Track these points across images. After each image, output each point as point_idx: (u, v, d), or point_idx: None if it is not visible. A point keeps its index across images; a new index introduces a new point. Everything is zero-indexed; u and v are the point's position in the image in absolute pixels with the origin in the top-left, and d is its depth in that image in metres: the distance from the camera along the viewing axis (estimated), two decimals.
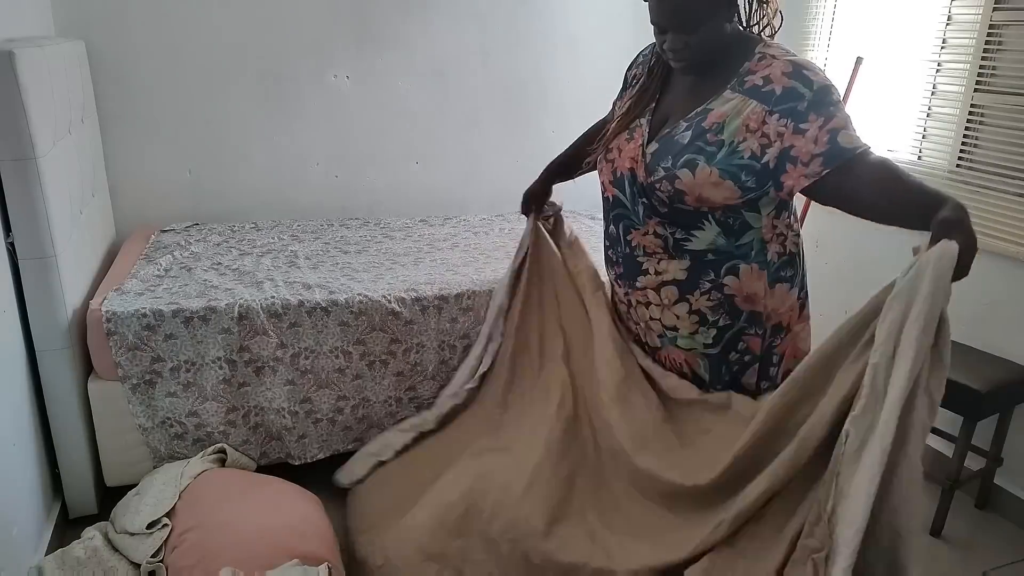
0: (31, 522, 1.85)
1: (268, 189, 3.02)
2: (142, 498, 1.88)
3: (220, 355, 2.08)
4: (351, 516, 2.00)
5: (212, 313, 2.06)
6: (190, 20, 2.73)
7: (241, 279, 2.28)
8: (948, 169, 2.50)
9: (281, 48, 2.88)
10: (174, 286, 2.19)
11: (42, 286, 1.90)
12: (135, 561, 1.72)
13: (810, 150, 1.44)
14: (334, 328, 2.15)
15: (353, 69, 3.00)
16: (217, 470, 2.02)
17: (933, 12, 2.52)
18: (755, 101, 1.46)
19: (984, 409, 2.16)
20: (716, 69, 1.52)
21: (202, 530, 1.73)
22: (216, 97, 2.85)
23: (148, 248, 2.54)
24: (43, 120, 1.85)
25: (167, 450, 2.09)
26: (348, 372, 2.19)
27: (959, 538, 2.28)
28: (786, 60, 1.49)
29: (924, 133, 2.60)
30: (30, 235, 1.85)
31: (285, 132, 2.98)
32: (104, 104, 2.69)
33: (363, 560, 1.83)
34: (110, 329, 1.99)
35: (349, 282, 2.29)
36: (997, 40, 2.34)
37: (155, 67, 2.74)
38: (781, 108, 1.45)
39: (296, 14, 2.86)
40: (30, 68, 1.79)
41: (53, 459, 2.05)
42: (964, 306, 2.46)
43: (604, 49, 3.31)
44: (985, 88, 2.38)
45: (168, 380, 2.06)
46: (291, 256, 2.54)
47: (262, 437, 2.15)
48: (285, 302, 2.12)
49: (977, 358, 2.32)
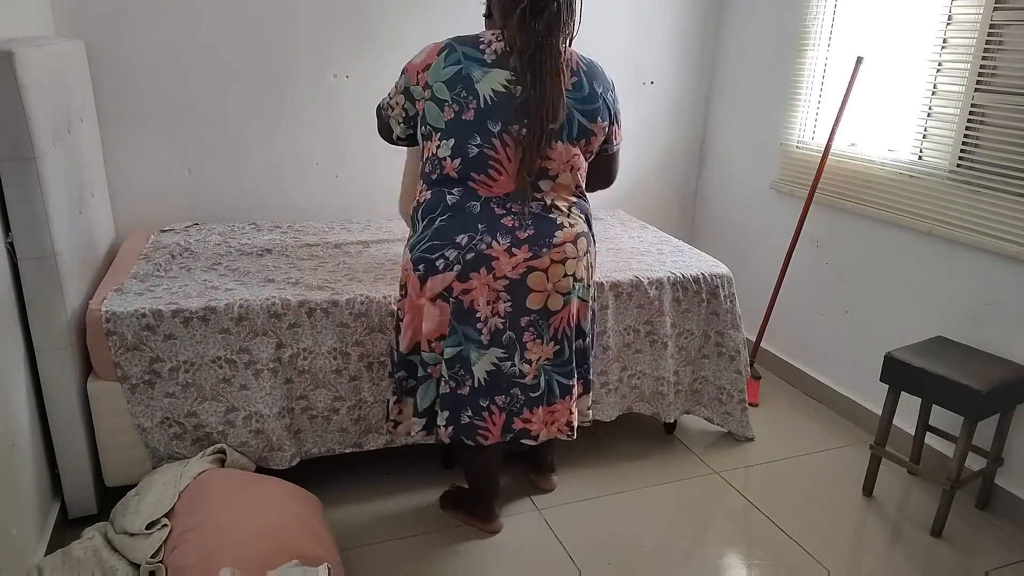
0: (31, 522, 1.84)
1: (268, 189, 3.02)
2: (142, 498, 1.88)
3: (219, 355, 2.07)
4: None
5: (211, 313, 2.06)
6: (190, 20, 2.73)
7: (241, 279, 2.28)
8: (949, 169, 2.50)
9: (281, 48, 2.88)
10: (173, 286, 2.19)
11: (42, 286, 1.89)
12: (135, 561, 1.72)
13: None
14: (333, 329, 2.15)
15: (353, 69, 3.00)
16: (217, 470, 2.02)
17: (933, 12, 2.52)
18: None
19: (984, 409, 2.16)
20: None
21: (202, 530, 1.73)
22: (216, 97, 2.85)
23: (148, 248, 2.54)
24: (43, 120, 1.85)
25: (166, 450, 2.09)
26: (345, 373, 2.19)
27: (960, 538, 2.28)
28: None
29: (925, 133, 2.60)
30: (30, 235, 1.84)
31: (285, 132, 2.98)
32: (104, 104, 2.69)
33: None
34: (109, 329, 1.99)
35: (349, 283, 2.28)
36: (998, 40, 2.34)
37: (155, 67, 2.74)
38: None
39: (296, 14, 2.86)
40: (30, 68, 1.79)
41: (53, 459, 2.04)
42: (964, 306, 2.47)
43: (604, 49, 3.31)
44: (986, 88, 2.38)
45: (167, 380, 2.05)
46: (291, 256, 2.54)
47: (263, 442, 2.15)
48: (285, 302, 2.12)
49: (977, 358, 2.32)
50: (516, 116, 1.71)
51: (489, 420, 1.88)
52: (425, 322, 1.83)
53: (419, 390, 1.93)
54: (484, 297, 1.79)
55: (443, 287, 1.79)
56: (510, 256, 1.77)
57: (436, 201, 1.79)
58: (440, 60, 1.73)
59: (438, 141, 1.76)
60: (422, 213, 1.82)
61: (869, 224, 2.83)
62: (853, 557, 2.23)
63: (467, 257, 1.76)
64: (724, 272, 2.60)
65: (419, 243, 1.80)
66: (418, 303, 1.83)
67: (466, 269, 1.76)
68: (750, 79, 3.39)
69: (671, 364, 2.55)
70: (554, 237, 1.80)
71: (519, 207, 1.78)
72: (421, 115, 1.79)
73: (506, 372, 1.85)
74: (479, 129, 1.72)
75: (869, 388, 2.80)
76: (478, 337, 1.82)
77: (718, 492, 2.47)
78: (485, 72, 1.72)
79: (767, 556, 2.17)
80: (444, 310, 1.81)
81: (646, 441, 2.73)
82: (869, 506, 2.44)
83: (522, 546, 2.16)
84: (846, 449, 2.76)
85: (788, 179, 3.20)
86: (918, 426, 2.51)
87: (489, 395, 1.86)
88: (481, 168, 1.75)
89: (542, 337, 1.86)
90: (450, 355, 1.83)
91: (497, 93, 1.71)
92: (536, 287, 1.81)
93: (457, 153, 1.74)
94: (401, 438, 2.26)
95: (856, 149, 2.90)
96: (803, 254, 3.12)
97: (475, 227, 1.76)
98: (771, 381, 3.28)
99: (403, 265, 1.87)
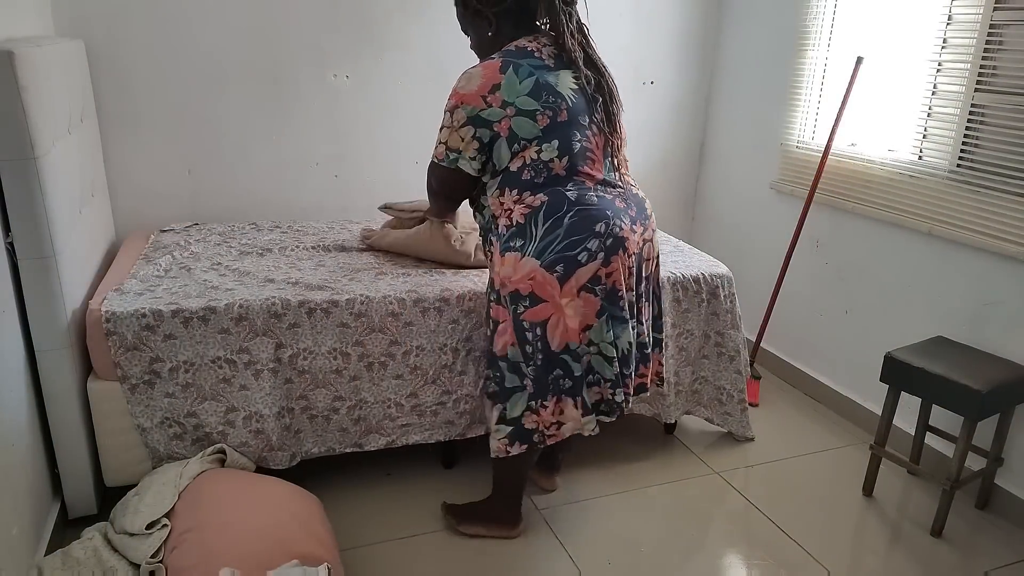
0: (31, 522, 1.84)
1: (268, 189, 3.02)
2: (141, 498, 1.88)
3: (219, 355, 2.08)
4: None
5: (211, 313, 2.06)
6: (190, 20, 2.73)
7: (240, 279, 2.28)
8: (949, 169, 2.50)
9: (281, 48, 2.88)
10: (173, 286, 2.19)
11: (42, 286, 1.89)
12: (135, 561, 1.72)
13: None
14: (333, 329, 2.15)
15: (353, 69, 3.00)
16: (216, 470, 2.02)
17: (933, 12, 2.52)
18: None
19: (984, 409, 2.16)
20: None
21: (202, 530, 1.73)
22: (216, 97, 2.85)
23: (147, 248, 2.54)
24: (43, 120, 1.85)
25: (166, 450, 2.09)
26: (345, 373, 2.19)
27: (959, 538, 2.28)
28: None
29: (925, 133, 2.60)
30: (30, 235, 1.84)
31: (285, 132, 2.98)
32: (104, 104, 2.69)
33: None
34: (109, 329, 1.99)
35: (349, 283, 2.28)
36: (998, 40, 2.34)
37: (155, 67, 2.74)
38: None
39: (296, 14, 2.86)
40: (30, 68, 1.79)
41: (52, 459, 2.05)
42: (964, 306, 2.47)
43: (604, 49, 3.30)
44: (986, 88, 2.38)
45: (167, 380, 2.05)
46: (291, 256, 2.54)
47: (263, 442, 2.15)
48: (285, 302, 2.12)
49: (977, 358, 2.32)
50: (594, 106, 1.87)
51: (627, 388, 1.98)
52: (570, 319, 1.85)
53: (580, 385, 1.93)
54: (623, 276, 1.88)
55: (588, 278, 1.83)
56: (634, 233, 1.89)
57: (557, 201, 1.83)
58: (511, 76, 1.79)
59: (537, 147, 1.82)
60: (544, 216, 1.82)
61: (869, 224, 2.83)
62: (853, 557, 2.23)
63: (608, 243, 1.83)
64: (724, 272, 2.60)
65: (550, 246, 1.82)
66: (559, 303, 1.84)
67: (608, 254, 1.83)
68: (750, 79, 3.39)
69: (671, 364, 2.55)
70: (646, 209, 1.97)
71: (615, 188, 1.90)
72: (506, 135, 1.81)
73: (635, 339, 1.98)
74: (575, 126, 1.83)
75: (869, 388, 2.80)
76: (621, 314, 1.90)
77: (718, 492, 2.47)
78: (556, 76, 1.83)
79: (767, 556, 2.17)
80: (589, 300, 1.85)
81: (646, 441, 2.73)
82: (869, 506, 2.44)
83: (522, 546, 2.16)
84: (846, 449, 2.76)
85: (788, 179, 3.21)
86: (918, 426, 2.51)
87: (626, 363, 1.95)
88: (584, 160, 1.86)
89: (649, 300, 2.05)
90: (610, 339, 1.90)
91: (574, 91, 1.85)
92: (648, 256, 1.98)
93: (564, 152, 1.82)
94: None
95: (856, 149, 2.90)
96: (803, 254, 3.12)
97: (606, 214, 1.83)
98: (771, 381, 3.28)
99: (524, 276, 1.84)
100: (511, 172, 1.84)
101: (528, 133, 1.80)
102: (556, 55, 1.85)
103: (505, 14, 1.86)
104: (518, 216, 1.85)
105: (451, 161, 1.86)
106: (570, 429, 1.97)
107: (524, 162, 1.83)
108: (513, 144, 1.82)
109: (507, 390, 1.97)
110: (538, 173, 1.82)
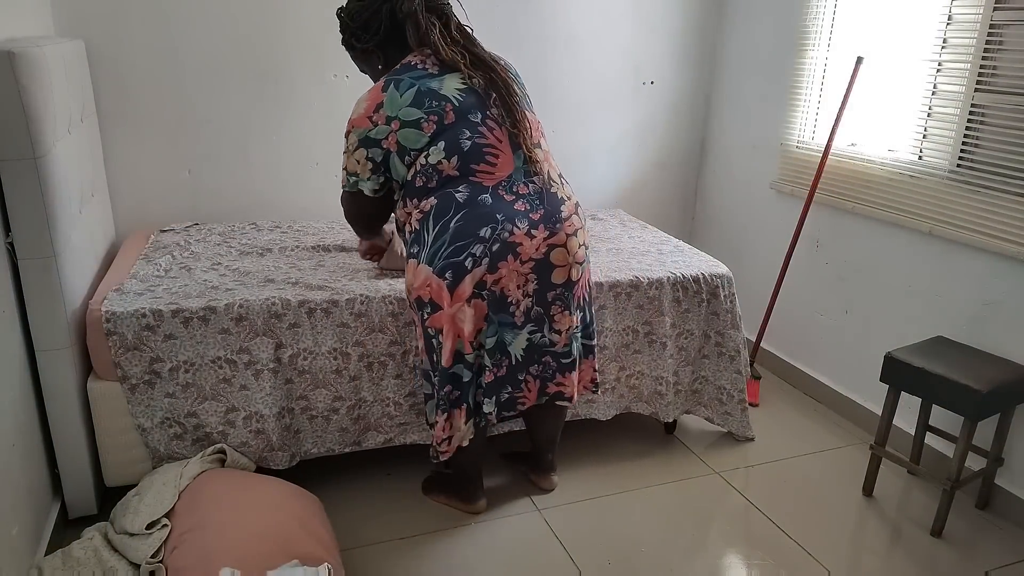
0: (31, 522, 1.84)
1: (268, 189, 3.02)
2: (141, 498, 1.88)
3: (219, 355, 2.07)
4: None
5: (211, 313, 2.06)
6: (190, 20, 2.73)
7: (241, 279, 2.28)
8: (948, 169, 2.50)
9: (281, 48, 2.88)
10: (173, 286, 2.19)
11: (42, 286, 1.89)
12: (135, 561, 1.72)
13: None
14: (333, 329, 2.15)
15: (353, 69, 2.97)
16: (216, 470, 2.02)
17: (933, 12, 2.52)
18: None
19: (985, 409, 2.16)
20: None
21: (202, 530, 1.73)
22: (215, 97, 2.85)
23: (148, 248, 2.54)
24: (43, 120, 1.85)
25: (166, 450, 2.09)
26: (345, 373, 2.19)
27: (960, 538, 2.28)
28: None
29: (925, 133, 2.60)
30: (30, 235, 1.84)
31: (285, 132, 2.98)
32: (104, 104, 2.69)
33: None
34: (109, 329, 1.99)
35: (349, 283, 2.28)
36: (998, 40, 2.34)
37: (155, 67, 2.74)
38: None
39: (296, 14, 2.86)
40: (30, 68, 1.79)
41: (53, 459, 2.05)
42: (964, 306, 2.47)
43: (604, 49, 3.32)
44: (986, 88, 2.38)
45: (167, 380, 2.05)
46: (291, 256, 2.54)
47: (263, 442, 2.15)
48: (285, 302, 2.12)
49: (977, 358, 2.32)
50: (487, 101, 1.86)
51: (526, 388, 2.02)
52: (464, 325, 1.86)
53: (468, 392, 1.95)
54: (514, 282, 1.86)
55: (474, 284, 1.82)
56: (531, 238, 1.85)
57: (445, 204, 1.82)
58: (392, 92, 1.82)
59: (426, 151, 1.82)
60: (433, 220, 1.83)
61: (869, 224, 2.83)
62: (853, 557, 2.23)
63: (493, 248, 1.81)
64: (724, 272, 2.60)
65: (439, 251, 1.82)
66: (450, 312, 1.85)
67: (494, 260, 1.82)
68: (750, 79, 3.39)
69: (671, 364, 2.55)
70: (561, 212, 1.90)
71: (524, 187, 1.86)
72: (395, 149, 1.84)
73: (537, 343, 1.98)
74: (464, 124, 1.83)
75: (869, 388, 2.80)
76: (512, 320, 1.90)
77: (718, 492, 2.47)
78: (440, 80, 1.85)
79: (767, 556, 2.17)
80: (479, 307, 1.86)
81: (646, 441, 2.73)
82: (869, 506, 2.44)
83: (522, 546, 2.16)
84: (846, 449, 2.76)
85: (788, 179, 3.20)
86: (918, 426, 2.51)
87: (525, 367, 1.99)
88: (479, 158, 1.82)
89: (569, 308, 1.98)
90: (491, 344, 1.90)
91: (461, 91, 1.84)
92: (559, 262, 1.91)
93: (451, 152, 1.81)
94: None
95: (856, 149, 2.90)
96: (803, 254, 3.12)
97: (493, 217, 1.81)
98: (771, 381, 3.28)
99: (422, 283, 1.86)
100: (408, 182, 1.87)
101: (415, 143, 1.82)
102: (441, 62, 1.87)
103: (385, 43, 1.90)
104: (415, 223, 1.89)
105: (352, 185, 1.91)
106: (459, 440, 2.01)
107: (416, 169, 1.84)
108: (404, 156, 1.84)
109: (426, 396, 2.07)
110: (429, 178, 1.83)
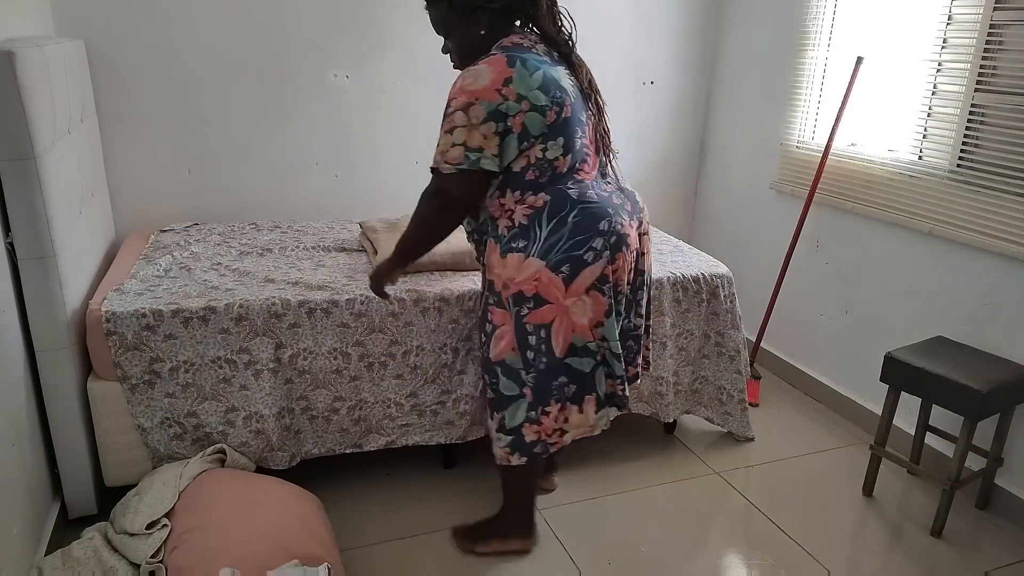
0: (31, 522, 1.84)
1: (268, 189, 3.02)
2: (141, 498, 1.88)
3: (219, 355, 2.07)
4: None
5: (211, 313, 2.06)
6: (190, 20, 2.73)
7: (241, 279, 2.28)
8: (948, 169, 2.50)
9: (281, 48, 2.88)
10: (173, 286, 2.19)
11: (41, 286, 1.89)
12: (135, 561, 1.72)
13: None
14: (333, 329, 2.15)
15: (353, 69, 3.00)
16: (216, 470, 2.02)
17: (933, 12, 2.52)
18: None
19: (984, 409, 2.16)
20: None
21: (202, 530, 1.73)
22: (216, 97, 2.85)
23: (148, 248, 2.54)
24: (43, 120, 1.85)
25: (166, 450, 2.09)
26: (345, 373, 2.19)
27: (960, 539, 2.28)
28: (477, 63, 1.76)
29: (925, 133, 2.60)
30: (29, 235, 1.84)
31: (285, 132, 2.98)
32: (104, 104, 2.69)
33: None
34: (109, 329, 1.99)
35: (349, 283, 2.28)
36: (998, 40, 2.34)
37: (155, 67, 2.74)
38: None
39: (296, 14, 2.86)
40: (30, 68, 1.79)
41: (53, 459, 2.05)
42: (964, 306, 2.47)
43: (604, 49, 3.31)
44: (986, 88, 2.38)
45: (167, 380, 2.05)
46: (291, 256, 2.54)
47: (263, 442, 2.15)
48: (285, 302, 2.12)
49: (977, 358, 2.32)
50: (588, 102, 1.86)
51: (625, 378, 1.97)
52: (578, 317, 1.81)
53: (596, 381, 1.90)
54: (626, 273, 1.88)
55: (595, 277, 1.80)
56: (632, 229, 1.88)
57: (560, 200, 1.79)
58: (520, 69, 1.71)
59: (543, 144, 1.76)
60: (547, 217, 1.78)
61: (869, 224, 2.83)
62: (853, 557, 2.23)
63: (611, 241, 1.81)
64: (724, 272, 2.60)
65: (555, 246, 1.77)
66: (564, 304, 1.80)
67: (613, 252, 1.81)
68: (750, 79, 3.39)
69: (670, 364, 2.55)
70: (639, 203, 1.96)
71: (608, 184, 1.90)
72: (518, 131, 1.72)
73: (624, 328, 1.98)
74: (577, 123, 1.81)
75: (869, 388, 2.80)
76: (619, 309, 1.90)
77: (718, 492, 2.47)
78: (555, 70, 1.80)
79: (767, 556, 2.17)
80: (598, 299, 1.82)
81: (646, 441, 2.73)
82: (869, 506, 2.44)
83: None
84: (846, 449, 2.76)
85: (788, 179, 3.20)
86: (918, 426, 2.51)
87: (623, 359, 1.96)
88: (582, 157, 1.84)
89: (648, 292, 2.05)
90: (616, 337, 1.89)
91: (573, 86, 1.82)
92: (646, 250, 1.98)
93: (568, 149, 1.79)
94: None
95: (856, 149, 2.90)
96: (803, 254, 3.12)
97: (607, 212, 1.82)
98: (771, 381, 3.28)
99: (529, 277, 1.79)
100: (513, 172, 1.77)
101: (537, 130, 1.73)
102: (548, 52, 1.82)
103: (503, 10, 1.80)
104: (520, 217, 1.80)
105: (473, 162, 1.71)
106: (573, 435, 1.94)
107: (528, 162, 1.76)
108: (523, 142, 1.74)
109: (505, 398, 1.91)
110: (542, 173, 1.77)
